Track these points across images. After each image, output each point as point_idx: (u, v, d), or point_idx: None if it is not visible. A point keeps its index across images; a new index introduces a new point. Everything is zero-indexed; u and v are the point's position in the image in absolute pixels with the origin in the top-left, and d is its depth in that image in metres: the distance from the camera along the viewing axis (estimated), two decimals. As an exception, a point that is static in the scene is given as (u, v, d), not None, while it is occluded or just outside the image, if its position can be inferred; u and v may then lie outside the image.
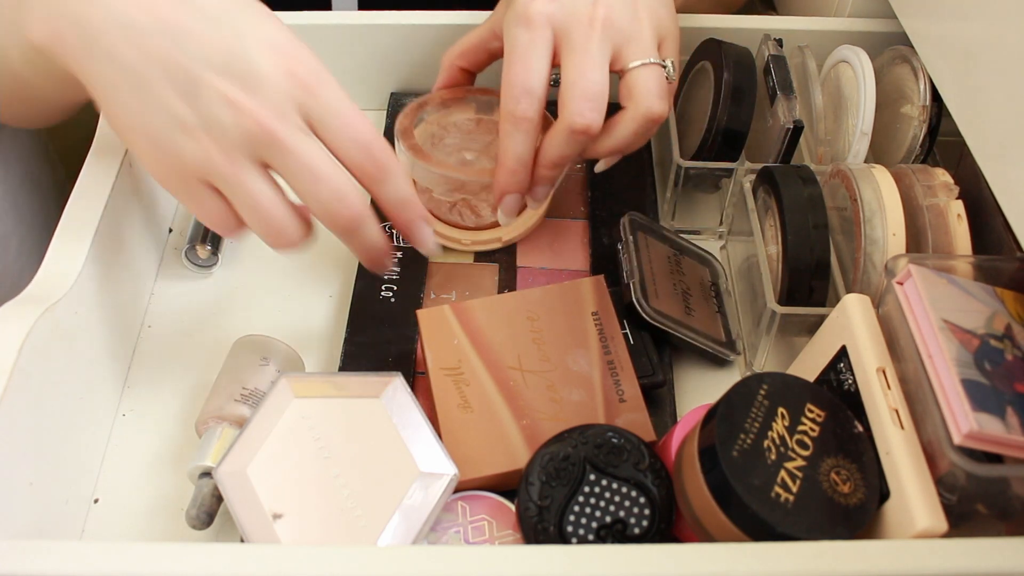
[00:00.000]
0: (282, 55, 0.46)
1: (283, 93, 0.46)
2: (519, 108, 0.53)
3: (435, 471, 0.47)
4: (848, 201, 0.55)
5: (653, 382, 0.54)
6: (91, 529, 0.51)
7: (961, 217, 0.52)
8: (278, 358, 0.55)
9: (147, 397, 0.57)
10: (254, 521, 0.46)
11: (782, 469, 0.42)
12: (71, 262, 0.51)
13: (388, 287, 0.60)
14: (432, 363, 0.53)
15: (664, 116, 0.55)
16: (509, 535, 0.48)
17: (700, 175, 0.63)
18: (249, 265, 0.64)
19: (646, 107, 0.54)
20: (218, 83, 0.45)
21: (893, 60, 0.63)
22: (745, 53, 0.62)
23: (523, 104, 0.53)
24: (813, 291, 0.54)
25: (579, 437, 0.48)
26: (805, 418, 0.44)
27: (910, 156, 0.60)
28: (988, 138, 0.49)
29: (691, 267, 0.61)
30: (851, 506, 0.42)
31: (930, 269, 0.46)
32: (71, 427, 0.51)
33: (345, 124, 0.47)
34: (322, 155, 0.47)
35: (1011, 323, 0.46)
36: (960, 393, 0.41)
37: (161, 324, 0.61)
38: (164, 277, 0.63)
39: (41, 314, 0.47)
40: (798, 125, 0.59)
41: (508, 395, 0.52)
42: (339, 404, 0.49)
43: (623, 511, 0.46)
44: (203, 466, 0.50)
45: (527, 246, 0.63)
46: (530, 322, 0.55)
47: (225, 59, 0.45)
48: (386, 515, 0.46)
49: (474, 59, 0.61)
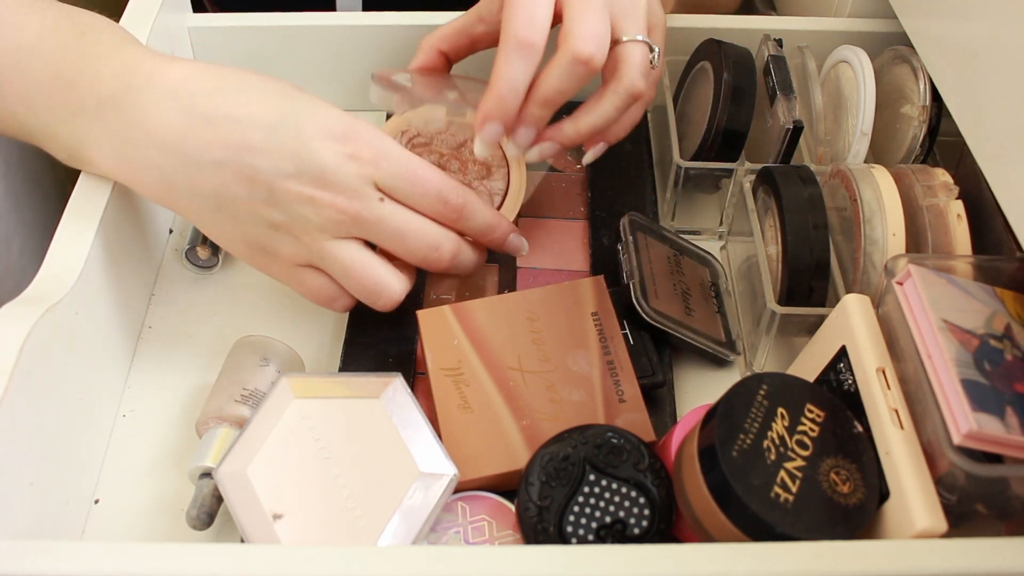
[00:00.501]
0: (341, 141, 0.49)
1: (352, 176, 0.49)
2: (523, 32, 0.51)
3: (435, 471, 0.47)
4: (848, 201, 0.55)
5: (653, 382, 0.54)
6: (91, 529, 0.51)
7: (961, 217, 0.52)
8: (278, 358, 0.55)
9: (147, 397, 0.57)
10: (254, 521, 0.46)
11: (782, 469, 0.42)
12: (72, 262, 0.51)
13: (388, 287, 0.60)
14: (432, 363, 0.53)
15: (648, 98, 0.55)
16: (509, 535, 0.48)
17: (700, 175, 0.63)
18: (249, 266, 0.64)
19: (629, 81, 0.54)
20: (294, 187, 0.49)
21: (893, 60, 0.63)
22: (745, 53, 0.62)
23: (529, 30, 0.51)
24: (813, 291, 0.54)
25: (579, 437, 0.48)
26: (805, 418, 0.44)
27: (910, 156, 0.61)
28: (988, 138, 0.49)
29: (691, 267, 0.61)
30: (851, 506, 0.42)
31: (930, 269, 0.46)
32: (72, 427, 0.51)
33: (413, 183, 0.51)
34: (403, 215, 0.51)
35: (1011, 323, 0.46)
36: (960, 393, 0.41)
37: (161, 325, 0.61)
38: (164, 278, 0.63)
39: (42, 314, 0.47)
40: (798, 125, 0.59)
41: (508, 395, 0.52)
42: (339, 404, 0.49)
43: (623, 511, 0.46)
44: (203, 466, 0.50)
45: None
46: (530, 322, 0.55)
47: (294, 164, 0.49)
48: (386, 515, 0.46)
49: (455, 43, 0.60)
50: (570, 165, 0.69)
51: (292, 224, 0.50)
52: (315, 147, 0.49)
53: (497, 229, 0.55)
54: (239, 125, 0.49)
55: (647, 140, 0.70)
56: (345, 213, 0.49)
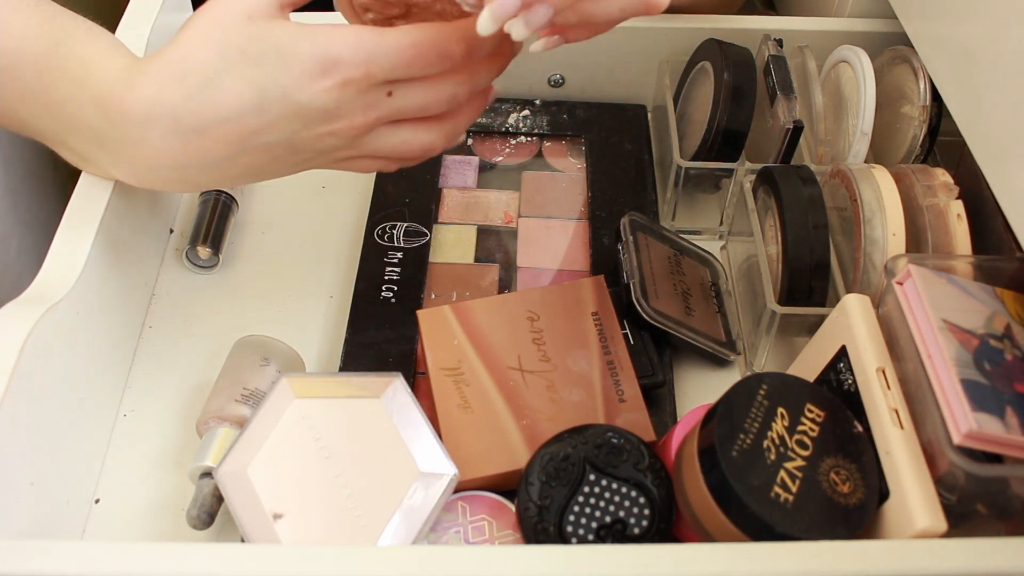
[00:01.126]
0: (325, 75, 0.47)
1: (354, 99, 0.48)
2: None
3: (435, 471, 0.47)
4: (848, 201, 0.55)
5: (653, 382, 0.54)
6: (92, 529, 0.51)
7: (961, 217, 0.52)
8: (278, 358, 0.55)
9: (148, 397, 0.57)
10: (254, 521, 0.46)
11: (782, 469, 0.42)
12: (72, 262, 0.51)
13: (388, 287, 0.60)
14: (432, 363, 0.53)
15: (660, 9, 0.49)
16: (509, 535, 0.48)
17: (700, 175, 0.63)
18: (249, 265, 0.64)
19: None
20: (309, 135, 0.49)
21: (893, 60, 0.63)
22: (745, 53, 0.62)
23: None
24: (813, 291, 0.54)
25: (579, 437, 0.48)
26: (805, 418, 0.44)
27: (910, 156, 0.61)
28: (988, 138, 0.49)
29: (691, 267, 0.61)
30: (851, 506, 0.42)
31: (930, 269, 0.46)
32: (72, 427, 0.51)
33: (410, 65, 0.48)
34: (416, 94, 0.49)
35: (1011, 323, 0.46)
36: (960, 393, 0.41)
37: (162, 324, 0.61)
38: (165, 277, 0.63)
39: (42, 314, 0.47)
40: (798, 125, 0.59)
41: (508, 395, 0.52)
42: (339, 404, 0.49)
43: (623, 511, 0.46)
44: (204, 466, 0.50)
45: (527, 245, 0.63)
46: (530, 322, 0.55)
47: (299, 121, 0.48)
48: (386, 515, 0.46)
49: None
50: (570, 165, 0.69)
51: (326, 153, 0.50)
52: (307, 98, 0.47)
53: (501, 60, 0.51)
54: (229, 123, 0.48)
55: (647, 140, 0.71)
56: (365, 126, 0.49)
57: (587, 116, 0.72)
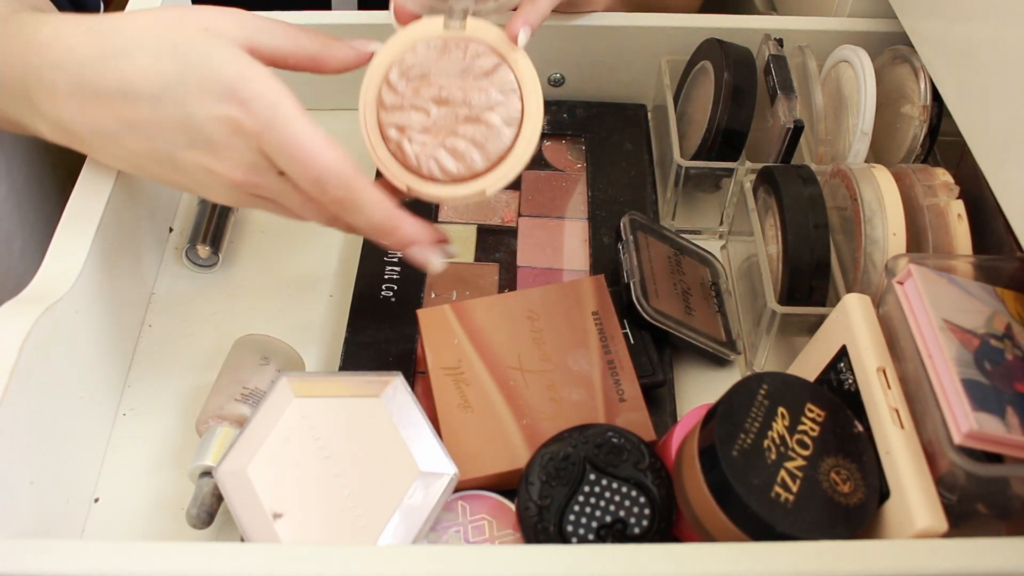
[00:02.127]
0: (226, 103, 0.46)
1: (242, 150, 0.47)
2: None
3: (435, 471, 0.47)
4: (848, 201, 0.55)
5: (653, 382, 0.54)
6: (91, 528, 0.51)
7: (961, 217, 0.52)
8: (278, 358, 0.55)
9: (148, 396, 0.57)
10: (254, 521, 0.46)
11: (782, 469, 0.42)
12: (71, 261, 0.51)
13: (388, 287, 0.60)
14: (432, 363, 0.53)
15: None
16: (509, 535, 0.48)
17: (700, 175, 0.63)
18: (249, 265, 0.64)
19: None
20: (191, 158, 0.48)
21: (893, 60, 0.63)
22: (745, 53, 0.62)
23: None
24: (813, 291, 0.54)
25: (579, 437, 0.48)
26: (805, 418, 0.44)
27: (910, 156, 0.61)
28: (988, 138, 0.49)
29: (691, 267, 0.61)
30: (851, 506, 0.42)
31: (930, 269, 0.46)
32: (72, 426, 0.51)
33: (292, 162, 0.46)
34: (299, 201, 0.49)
35: (1011, 323, 0.46)
36: (960, 393, 0.41)
37: (161, 323, 0.61)
38: (165, 276, 0.63)
39: (42, 313, 0.47)
40: (798, 125, 0.59)
41: (508, 395, 0.52)
42: (339, 404, 0.49)
43: (623, 511, 0.46)
44: (203, 465, 0.50)
45: (527, 245, 0.63)
46: (530, 322, 0.55)
47: (185, 136, 0.47)
48: (386, 515, 0.46)
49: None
50: (570, 165, 0.69)
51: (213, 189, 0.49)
52: (200, 118, 0.46)
53: (391, 234, 0.50)
54: (124, 99, 0.47)
55: (647, 140, 0.70)
56: (243, 183, 0.48)
57: (587, 115, 0.72)
